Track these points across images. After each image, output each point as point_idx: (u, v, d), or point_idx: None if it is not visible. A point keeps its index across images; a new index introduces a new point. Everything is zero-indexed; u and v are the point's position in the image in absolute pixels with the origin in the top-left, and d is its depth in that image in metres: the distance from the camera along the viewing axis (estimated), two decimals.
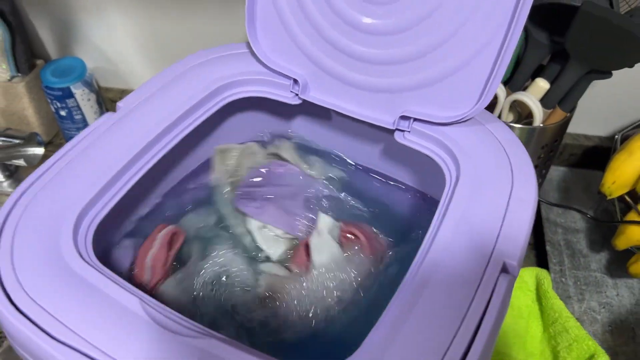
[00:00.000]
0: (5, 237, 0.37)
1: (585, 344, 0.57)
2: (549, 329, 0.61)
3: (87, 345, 0.32)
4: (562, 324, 0.60)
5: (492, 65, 0.42)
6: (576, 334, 0.58)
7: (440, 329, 0.33)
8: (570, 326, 0.59)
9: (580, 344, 0.58)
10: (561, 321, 0.60)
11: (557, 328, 0.60)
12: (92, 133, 0.44)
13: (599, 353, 0.56)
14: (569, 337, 0.59)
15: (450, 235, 0.38)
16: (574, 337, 0.58)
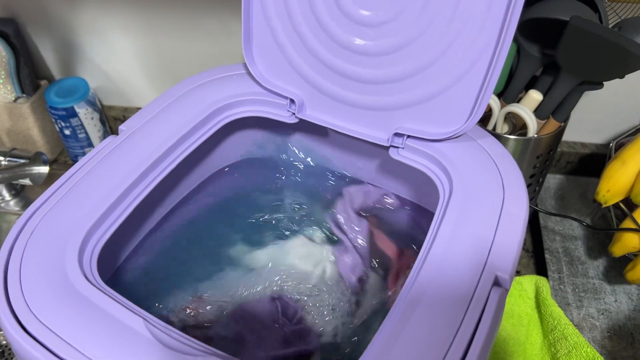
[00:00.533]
0: (14, 259, 0.39)
1: (584, 350, 0.58)
2: (549, 336, 0.62)
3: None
4: (561, 331, 0.61)
5: (481, 83, 0.43)
6: (575, 341, 0.59)
7: (433, 344, 0.34)
8: (570, 333, 0.60)
9: (580, 351, 0.58)
10: (560, 328, 0.61)
11: (557, 335, 0.61)
12: (96, 156, 0.46)
13: (598, 358, 0.57)
14: (568, 344, 0.60)
15: (443, 251, 0.39)
16: (573, 344, 0.59)
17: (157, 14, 0.78)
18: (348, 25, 0.46)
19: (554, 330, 0.62)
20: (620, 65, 0.56)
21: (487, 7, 0.41)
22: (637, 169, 0.62)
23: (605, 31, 0.54)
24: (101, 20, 0.80)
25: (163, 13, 0.78)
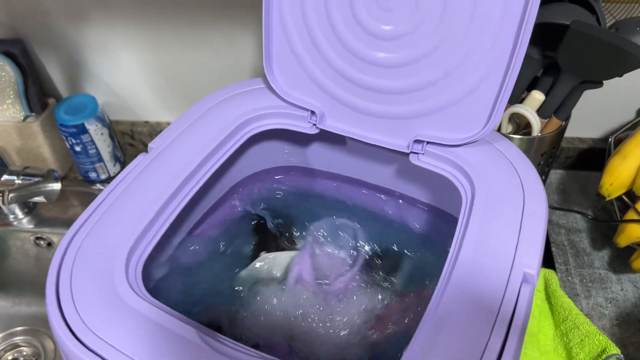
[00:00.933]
0: (64, 276, 0.40)
1: (597, 338, 0.61)
2: (560, 326, 0.65)
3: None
4: (572, 321, 0.63)
5: (498, 89, 0.45)
6: (587, 330, 0.62)
7: (471, 343, 0.36)
8: (581, 322, 0.63)
9: (592, 339, 0.61)
10: (571, 318, 0.63)
11: (568, 325, 0.63)
12: (130, 174, 0.47)
13: (610, 347, 0.59)
14: (580, 333, 0.62)
15: (471, 251, 0.41)
16: (585, 333, 0.62)
17: (163, 30, 0.80)
18: (367, 39, 0.48)
19: (566, 321, 0.64)
20: (619, 65, 0.59)
21: (501, 17, 0.43)
22: (638, 162, 0.65)
23: (604, 34, 0.57)
24: (107, 37, 0.82)
25: (168, 28, 0.79)
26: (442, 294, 0.39)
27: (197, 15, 0.77)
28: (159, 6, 0.77)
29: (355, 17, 0.48)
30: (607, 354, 0.59)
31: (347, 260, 0.55)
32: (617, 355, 0.58)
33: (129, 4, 0.77)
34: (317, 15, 0.49)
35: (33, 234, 0.86)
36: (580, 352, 0.61)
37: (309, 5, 0.49)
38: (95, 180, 0.89)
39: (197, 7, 0.76)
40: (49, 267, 0.41)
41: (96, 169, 0.88)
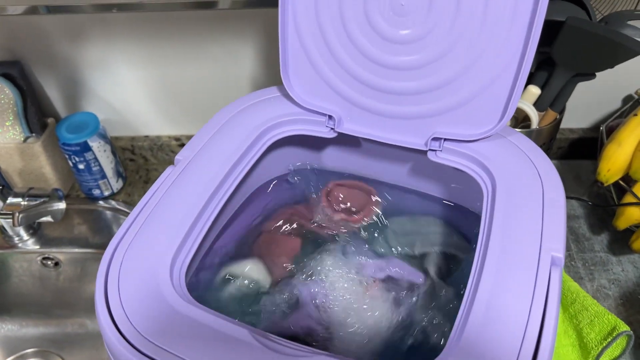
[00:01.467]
0: (112, 285, 0.42)
1: (606, 318, 0.63)
2: (569, 309, 0.67)
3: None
4: (581, 303, 0.66)
5: (512, 84, 0.48)
6: (596, 311, 0.64)
7: (512, 326, 0.38)
8: (589, 304, 0.65)
9: (601, 319, 0.63)
10: (580, 300, 0.66)
11: (577, 307, 0.66)
12: (162, 186, 0.49)
13: (620, 324, 0.62)
14: (589, 314, 0.65)
15: (499, 241, 0.43)
16: (594, 314, 0.64)
17: (161, 44, 0.81)
18: (383, 44, 0.50)
19: (574, 303, 0.67)
20: (612, 57, 0.62)
21: (512, 16, 0.46)
22: (632, 148, 0.69)
23: (598, 28, 0.60)
24: (105, 54, 0.82)
25: (167, 43, 0.80)
26: (477, 283, 0.41)
27: (196, 28, 0.78)
28: (157, 21, 0.78)
29: (370, 24, 0.50)
30: (617, 332, 0.61)
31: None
32: (627, 332, 0.60)
33: (128, 20, 0.78)
34: (332, 24, 0.51)
35: (40, 254, 0.85)
36: (591, 332, 0.64)
37: (324, 14, 0.51)
38: (99, 197, 0.89)
39: (195, 21, 0.78)
40: (96, 277, 0.43)
41: (100, 186, 0.88)
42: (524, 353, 0.37)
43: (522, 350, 0.37)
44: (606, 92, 0.84)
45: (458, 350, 0.37)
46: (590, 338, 0.63)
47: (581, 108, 0.86)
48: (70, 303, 0.92)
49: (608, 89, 0.84)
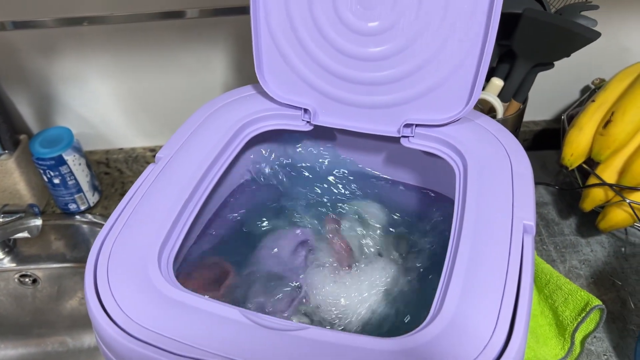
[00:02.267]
0: (101, 275, 0.43)
1: (579, 295, 0.66)
2: (544, 290, 0.70)
3: (206, 354, 0.38)
4: (554, 283, 0.68)
5: (475, 70, 0.51)
6: (569, 289, 0.67)
7: (492, 286, 0.40)
8: (562, 283, 0.68)
9: (574, 296, 0.66)
10: (553, 281, 0.69)
11: (551, 287, 0.69)
12: (144, 184, 0.50)
13: (592, 300, 0.65)
14: (563, 293, 0.67)
15: (474, 214, 0.46)
16: (567, 292, 0.67)
17: (133, 56, 0.82)
18: (353, 37, 0.53)
19: (548, 284, 0.69)
20: (567, 45, 0.66)
21: (473, 6, 0.49)
22: (592, 132, 0.72)
23: (554, 18, 0.64)
24: (77, 68, 0.83)
25: (139, 54, 0.82)
26: (455, 253, 0.43)
27: (167, 38, 0.80)
28: (127, 33, 0.79)
29: (339, 18, 0.52)
30: (590, 307, 0.64)
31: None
32: (599, 306, 0.63)
33: (100, 33, 0.79)
34: (303, 19, 0.54)
35: (17, 272, 0.85)
36: (566, 309, 0.67)
37: (295, 11, 0.54)
38: (75, 211, 0.89)
39: (166, 31, 0.79)
40: (85, 268, 0.43)
41: (76, 200, 0.88)
42: (503, 314, 0.39)
43: (501, 312, 0.39)
44: (565, 84, 0.88)
45: (440, 320, 0.39)
46: (565, 315, 0.66)
47: (544, 101, 0.90)
48: (49, 321, 0.90)
49: (567, 82, 0.88)
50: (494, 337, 0.38)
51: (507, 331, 0.38)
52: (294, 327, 0.39)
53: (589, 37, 0.63)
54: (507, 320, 0.39)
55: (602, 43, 0.66)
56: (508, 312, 0.39)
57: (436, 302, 0.41)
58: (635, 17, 0.81)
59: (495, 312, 0.39)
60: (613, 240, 0.77)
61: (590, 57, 0.82)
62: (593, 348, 0.66)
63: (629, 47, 0.84)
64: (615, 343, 0.65)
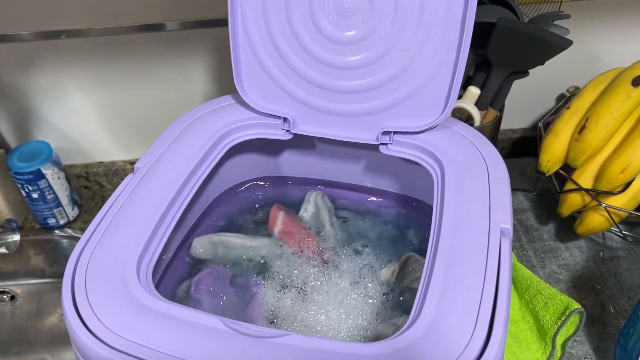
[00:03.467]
0: (79, 287, 0.42)
1: (559, 299, 0.67)
2: (524, 295, 0.71)
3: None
4: (535, 288, 0.69)
5: (451, 77, 0.52)
6: (549, 293, 0.68)
7: (470, 289, 0.41)
8: (542, 288, 0.69)
9: (554, 300, 0.67)
10: (533, 286, 0.69)
11: (532, 292, 0.69)
12: (122, 194, 0.49)
13: (572, 303, 0.66)
14: (543, 297, 0.68)
15: (452, 218, 0.46)
16: (547, 296, 0.68)
17: (113, 68, 0.82)
18: (329, 46, 0.54)
19: (529, 289, 0.70)
20: (541, 53, 0.67)
21: (445, 15, 0.50)
22: (567, 139, 0.73)
23: (527, 27, 0.65)
24: (56, 81, 0.82)
25: (118, 66, 0.81)
26: (434, 258, 0.43)
27: (146, 50, 0.80)
28: (106, 45, 0.79)
29: (317, 28, 0.53)
30: (570, 310, 0.65)
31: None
32: (578, 310, 0.64)
33: (78, 46, 0.79)
34: (281, 29, 0.54)
35: None
36: (546, 314, 0.67)
37: (273, 21, 0.54)
38: (54, 226, 0.88)
39: (145, 43, 0.79)
40: (63, 280, 0.42)
41: (55, 215, 0.87)
42: (481, 317, 0.39)
43: (480, 314, 0.39)
44: (541, 92, 0.90)
45: (419, 324, 0.39)
46: (546, 320, 0.66)
47: (521, 109, 0.92)
48: (28, 339, 0.89)
49: (543, 90, 0.90)
50: (473, 340, 0.38)
51: (486, 334, 0.38)
52: (274, 334, 0.39)
53: (562, 45, 0.65)
54: (485, 323, 0.39)
55: (575, 51, 0.68)
56: (486, 315, 0.39)
57: (416, 306, 0.41)
58: (605, 26, 0.83)
59: (474, 315, 0.39)
60: (591, 244, 0.78)
61: (564, 65, 0.84)
62: (574, 351, 0.66)
63: (600, 55, 0.86)
64: (595, 346, 0.66)
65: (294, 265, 0.56)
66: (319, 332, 0.50)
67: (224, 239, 0.59)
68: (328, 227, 0.60)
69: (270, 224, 0.61)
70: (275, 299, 0.53)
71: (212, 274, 0.57)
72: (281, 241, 0.59)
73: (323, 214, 0.61)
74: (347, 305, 0.52)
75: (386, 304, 0.53)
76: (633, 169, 0.68)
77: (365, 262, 0.56)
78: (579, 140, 0.71)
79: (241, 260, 0.58)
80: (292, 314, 0.52)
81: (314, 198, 0.63)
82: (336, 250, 0.58)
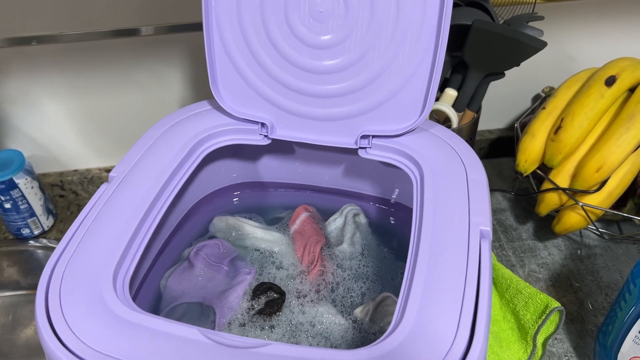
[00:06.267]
0: (53, 301, 0.41)
1: (538, 298, 0.67)
2: (505, 295, 0.71)
3: None
4: (515, 288, 0.70)
5: (427, 81, 0.52)
6: (529, 292, 0.68)
7: (452, 292, 0.41)
8: (522, 287, 0.69)
9: (535, 300, 0.67)
10: (514, 285, 0.70)
11: (512, 292, 0.70)
12: (97, 203, 0.48)
13: (551, 302, 0.66)
14: (523, 297, 0.68)
15: (431, 221, 0.46)
16: (527, 296, 0.68)
17: (86, 74, 0.80)
18: (305, 50, 0.53)
19: (509, 289, 0.70)
20: (516, 54, 0.68)
21: (422, 18, 0.50)
22: (544, 139, 0.74)
23: (502, 29, 0.66)
24: (27, 89, 0.81)
25: (91, 72, 0.80)
26: (415, 261, 0.43)
27: (120, 55, 0.79)
28: (79, 51, 0.78)
29: (293, 33, 0.53)
30: (549, 309, 0.65)
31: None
32: (558, 308, 0.64)
33: (50, 52, 0.77)
34: (256, 34, 0.54)
35: None
36: (527, 313, 0.68)
37: (248, 26, 0.53)
38: (28, 236, 0.86)
39: (119, 48, 0.78)
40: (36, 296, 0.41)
41: (29, 225, 0.85)
42: (463, 319, 0.39)
43: (462, 317, 0.39)
44: (517, 93, 0.91)
45: (402, 328, 0.39)
46: (526, 319, 0.67)
47: (497, 110, 0.92)
48: (3, 352, 0.87)
49: (518, 90, 0.91)
50: (456, 342, 0.38)
51: (469, 336, 0.38)
52: (255, 344, 0.38)
53: (536, 46, 0.65)
54: (467, 325, 0.39)
55: (549, 52, 0.69)
56: (468, 317, 0.39)
57: (398, 310, 0.41)
58: (578, 28, 0.84)
59: (456, 317, 0.39)
60: (569, 243, 0.79)
61: (539, 66, 0.85)
62: (554, 350, 0.67)
63: (573, 55, 0.87)
64: (575, 343, 0.67)
65: (290, 270, 0.57)
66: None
67: (238, 224, 0.61)
68: (345, 245, 0.60)
69: (291, 221, 0.62)
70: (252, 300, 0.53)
71: (217, 246, 0.59)
72: (291, 240, 0.60)
73: (347, 229, 0.61)
74: (314, 332, 0.52)
75: (352, 342, 0.53)
76: (608, 167, 0.68)
77: (352, 297, 0.56)
78: (555, 140, 0.72)
79: (248, 247, 0.60)
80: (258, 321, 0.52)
81: (347, 211, 0.63)
82: (336, 270, 0.58)
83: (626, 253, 0.77)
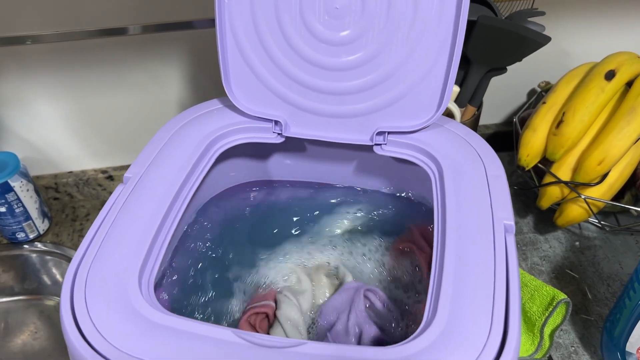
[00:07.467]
0: (79, 305, 0.40)
1: (544, 290, 0.68)
2: None
3: None
4: (520, 281, 0.70)
5: (444, 76, 0.52)
6: (534, 285, 0.69)
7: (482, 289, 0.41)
8: (528, 280, 0.70)
9: (540, 292, 0.68)
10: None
11: None
12: (114, 206, 0.47)
13: (558, 294, 0.67)
14: (529, 290, 0.69)
15: (455, 219, 0.46)
16: (533, 288, 0.69)
17: (81, 74, 0.78)
18: (320, 47, 0.53)
19: None
20: (520, 50, 0.69)
21: (439, 14, 0.50)
22: (545, 133, 0.75)
23: (507, 24, 0.66)
24: (20, 89, 0.79)
25: (87, 72, 0.78)
26: (442, 258, 0.43)
27: (113, 55, 0.77)
28: (71, 51, 0.76)
29: (308, 29, 0.52)
30: (556, 301, 0.66)
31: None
32: (565, 300, 0.65)
33: (44, 52, 0.75)
34: (270, 31, 0.53)
35: None
36: (533, 305, 0.68)
37: (262, 23, 0.53)
38: (23, 240, 0.84)
39: (112, 48, 0.76)
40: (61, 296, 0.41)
41: (24, 229, 0.83)
42: (496, 316, 0.39)
43: (494, 313, 0.39)
44: (513, 88, 0.92)
45: (434, 327, 0.39)
46: (533, 311, 0.68)
47: (493, 105, 0.93)
48: None
49: (514, 86, 0.92)
50: (489, 341, 0.38)
51: (502, 332, 0.39)
52: (291, 343, 0.38)
53: (541, 41, 0.66)
54: (500, 321, 0.39)
55: (545, 47, 0.69)
56: (500, 313, 0.39)
57: (428, 308, 0.41)
58: (575, 23, 0.85)
59: (489, 313, 0.39)
60: (569, 235, 0.80)
61: (535, 61, 0.85)
62: (561, 341, 0.68)
63: (569, 50, 0.89)
64: (580, 334, 0.68)
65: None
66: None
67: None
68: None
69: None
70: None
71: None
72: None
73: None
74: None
75: None
76: (610, 160, 0.70)
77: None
78: (557, 135, 0.72)
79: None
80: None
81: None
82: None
83: (624, 244, 0.79)
